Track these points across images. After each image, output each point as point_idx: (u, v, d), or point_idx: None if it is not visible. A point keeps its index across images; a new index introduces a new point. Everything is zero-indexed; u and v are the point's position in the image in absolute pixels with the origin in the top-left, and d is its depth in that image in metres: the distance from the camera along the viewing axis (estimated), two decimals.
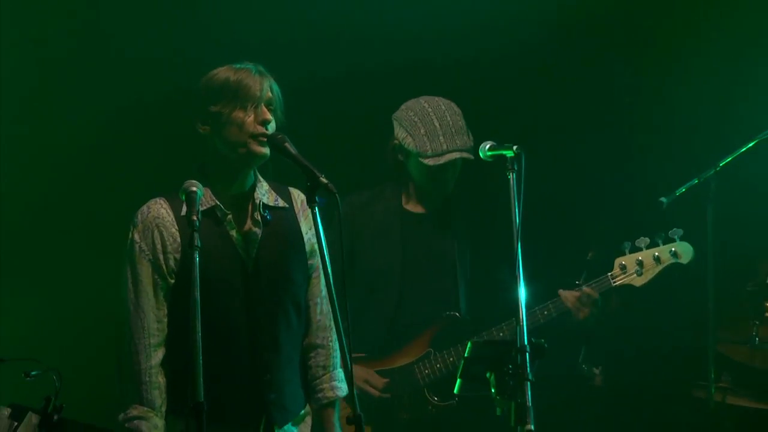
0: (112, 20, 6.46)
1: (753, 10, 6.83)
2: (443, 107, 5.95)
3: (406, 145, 5.92)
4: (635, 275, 5.96)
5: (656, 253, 5.95)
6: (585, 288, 5.91)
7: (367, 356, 5.89)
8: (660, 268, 5.96)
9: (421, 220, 6.05)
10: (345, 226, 5.67)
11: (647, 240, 5.97)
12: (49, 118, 6.38)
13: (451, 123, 5.90)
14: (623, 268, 5.96)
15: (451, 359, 5.89)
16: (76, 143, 6.39)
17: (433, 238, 6.07)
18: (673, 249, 5.94)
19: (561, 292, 5.89)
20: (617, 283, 5.97)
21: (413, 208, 6.07)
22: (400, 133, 5.95)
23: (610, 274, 5.97)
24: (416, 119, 5.92)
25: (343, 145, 6.65)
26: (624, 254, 5.98)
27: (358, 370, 5.78)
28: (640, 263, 5.95)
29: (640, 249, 5.97)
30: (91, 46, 6.45)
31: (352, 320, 4.42)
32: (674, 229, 5.97)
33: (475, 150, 5.34)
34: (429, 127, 5.90)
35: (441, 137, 5.86)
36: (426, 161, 5.87)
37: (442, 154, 5.85)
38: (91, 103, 6.38)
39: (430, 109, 5.95)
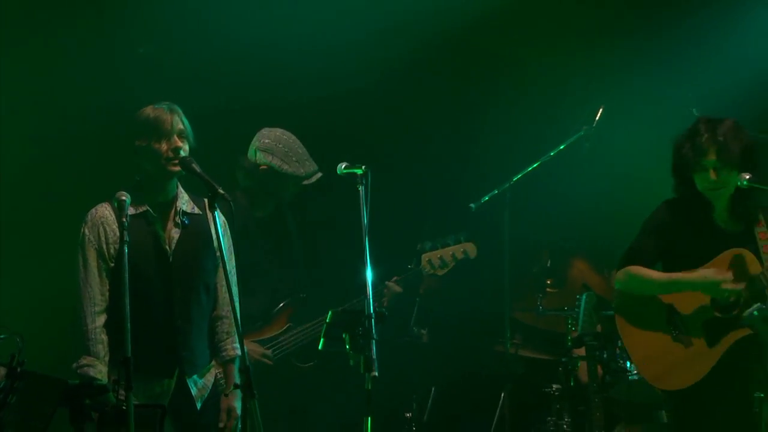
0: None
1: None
2: (293, 138, 5.91)
3: (282, 171, 5.82)
4: (438, 268, 5.97)
5: (452, 252, 5.97)
6: (389, 282, 5.89)
7: (247, 329, 5.66)
8: (455, 262, 5.98)
9: (265, 221, 5.95)
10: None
11: (444, 240, 5.98)
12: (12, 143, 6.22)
13: (302, 151, 5.89)
14: (429, 262, 5.97)
15: (307, 331, 5.83)
16: (40, 164, 6.26)
17: (278, 236, 5.98)
18: (463, 249, 5.97)
19: (387, 283, 5.90)
20: (426, 273, 5.97)
21: (257, 213, 5.95)
22: (273, 160, 5.82)
23: (420, 266, 5.97)
24: (285, 149, 5.86)
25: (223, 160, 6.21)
26: (426, 251, 5.99)
27: (251, 344, 5.66)
28: (441, 259, 5.96)
29: (437, 248, 5.97)
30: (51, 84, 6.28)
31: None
32: (462, 232, 5.99)
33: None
34: (297, 156, 5.86)
35: (307, 162, 5.88)
36: (305, 182, 5.86)
37: (312, 175, 5.88)
38: (53, 135, 6.27)
39: (289, 140, 5.89)
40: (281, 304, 5.90)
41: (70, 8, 6.31)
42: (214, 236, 4.77)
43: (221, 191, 4.48)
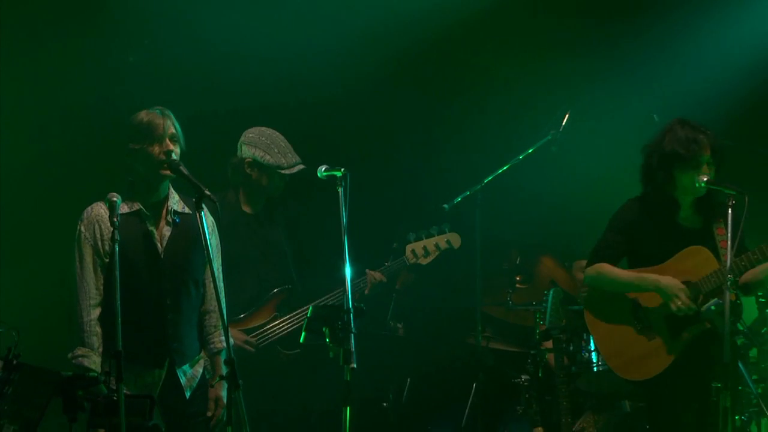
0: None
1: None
2: (276, 133, 5.90)
3: (265, 162, 5.82)
4: (422, 257, 6.01)
5: (435, 242, 6.03)
6: (375, 272, 5.90)
7: (233, 318, 5.74)
8: (439, 251, 6.03)
9: (255, 217, 5.95)
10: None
11: (428, 231, 6.01)
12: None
13: (284, 144, 5.88)
14: (414, 252, 6.01)
15: (292, 320, 5.83)
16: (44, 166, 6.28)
17: (266, 231, 5.97)
18: (447, 238, 6.03)
19: (369, 272, 5.91)
20: (410, 263, 6.00)
21: (246, 209, 5.94)
22: (256, 152, 5.83)
23: (404, 257, 6.00)
24: (268, 141, 5.85)
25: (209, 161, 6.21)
26: (411, 242, 6.02)
27: (234, 332, 5.67)
28: (425, 248, 6.00)
29: (421, 239, 6.01)
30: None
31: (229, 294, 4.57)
32: (444, 223, 6.03)
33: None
34: (279, 148, 5.86)
35: (289, 154, 5.86)
36: (283, 172, 5.84)
37: (293, 165, 5.86)
38: (51, 137, 6.28)
39: (272, 134, 5.89)
40: (268, 295, 5.89)
41: (69, 20, 6.32)
42: (202, 235, 4.79)
43: (207, 192, 4.51)
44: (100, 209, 4.76)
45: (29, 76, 6.30)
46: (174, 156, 4.72)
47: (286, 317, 5.85)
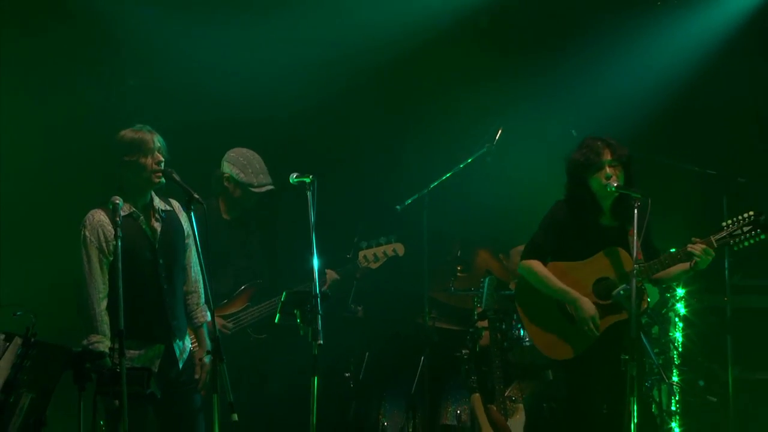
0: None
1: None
2: (255, 155, 5.87)
3: (239, 179, 5.80)
4: (372, 262, 5.98)
5: (383, 250, 5.98)
6: (329, 270, 5.87)
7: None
8: (386, 258, 6.00)
9: (231, 223, 5.91)
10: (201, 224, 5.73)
11: (377, 240, 5.97)
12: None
13: (259, 166, 5.84)
14: (365, 258, 5.97)
15: (262, 309, 5.79)
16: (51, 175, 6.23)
17: (241, 235, 5.93)
18: (393, 248, 5.99)
19: (327, 271, 5.88)
20: (362, 266, 5.98)
21: (225, 215, 5.92)
22: (233, 170, 5.81)
23: (357, 261, 5.97)
24: (245, 162, 5.82)
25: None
26: (363, 249, 5.98)
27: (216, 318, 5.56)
28: (375, 255, 5.97)
29: (372, 246, 5.97)
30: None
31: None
32: (391, 234, 5.98)
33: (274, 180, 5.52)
34: (253, 168, 5.82)
35: (261, 175, 5.84)
36: (254, 190, 5.82)
37: (263, 185, 5.84)
38: (56, 146, 6.24)
39: (251, 156, 5.85)
40: (242, 287, 5.88)
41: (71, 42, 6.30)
42: (188, 230, 4.88)
43: (196, 196, 4.57)
44: (100, 215, 4.74)
45: (38, 94, 6.27)
46: (163, 165, 4.74)
47: (256, 306, 5.84)
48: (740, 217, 4.78)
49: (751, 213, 4.78)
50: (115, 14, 6.30)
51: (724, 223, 4.83)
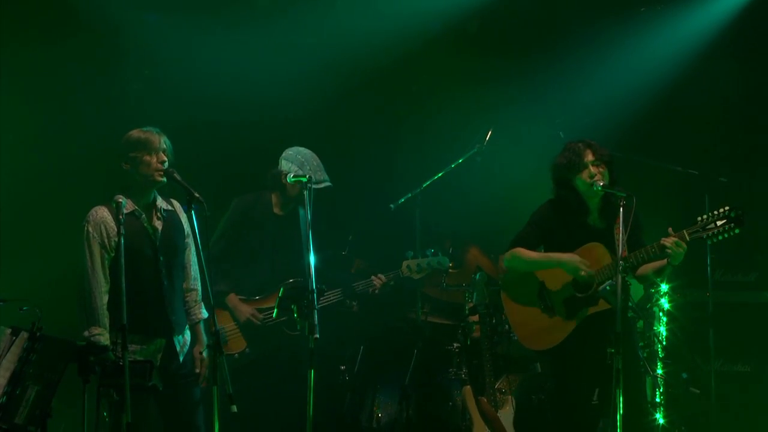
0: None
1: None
2: (311, 152, 5.81)
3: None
4: (415, 273, 5.94)
5: (429, 262, 5.94)
6: (382, 276, 5.89)
7: (248, 298, 5.77)
8: (430, 270, 5.95)
9: (282, 219, 5.86)
10: (237, 214, 5.73)
11: (424, 252, 5.95)
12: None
13: (316, 163, 5.78)
14: (408, 267, 5.93)
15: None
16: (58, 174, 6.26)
17: (288, 232, 5.85)
18: (439, 261, 5.96)
19: (373, 276, 5.90)
20: (403, 275, 5.94)
21: (277, 211, 5.86)
22: (292, 167, 5.70)
23: (400, 270, 5.94)
24: (303, 159, 5.74)
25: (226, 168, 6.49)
26: (408, 259, 5.95)
27: (246, 306, 5.71)
28: (419, 266, 5.92)
29: (417, 258, 5.94)
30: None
31: (237, 279, 4.63)
32: (432, 249, 5.94)
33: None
34: (311, 165, 5.73)
35: (318, 172, 5.74)
36: (312, 186, 5.49)
37: (320, 182, 5.70)
38: (60, 147, 6.26)
39: (308, 154, 5.78)
40: (280, 285, 5.47)
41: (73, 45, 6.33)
42: (188, 230, 4.88)
43: (196, 195, 4.55)
44: (103, 212, 4.74)
45: (47, 95, 6.30)
46: (166, 165, 4.75)
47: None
48: (715, 212, 4.73)
49: (727, 207, 4.73)
50: (121, 21, 6.34)
51: (699, 218, 4.77)
